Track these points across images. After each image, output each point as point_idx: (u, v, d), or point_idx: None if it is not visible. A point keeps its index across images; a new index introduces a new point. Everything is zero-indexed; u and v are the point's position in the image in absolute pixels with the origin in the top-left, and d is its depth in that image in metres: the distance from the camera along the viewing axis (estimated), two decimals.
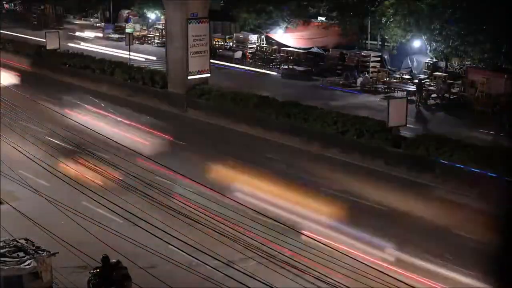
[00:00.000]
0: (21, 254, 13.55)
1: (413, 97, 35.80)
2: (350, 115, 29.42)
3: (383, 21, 41.92)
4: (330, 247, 14.79)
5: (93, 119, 32.12)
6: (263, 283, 12.63)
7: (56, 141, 24.42)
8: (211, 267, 13.80)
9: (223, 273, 13.25)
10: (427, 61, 41.02)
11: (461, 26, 37.54)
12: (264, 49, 49.29)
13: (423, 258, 18.25)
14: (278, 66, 45.80)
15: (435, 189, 23.76)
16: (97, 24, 62.69)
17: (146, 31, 60.23)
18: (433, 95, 36.80)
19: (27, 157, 20.03)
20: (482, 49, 36.89)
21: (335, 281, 12.14)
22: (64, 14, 69.75)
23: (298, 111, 30.19)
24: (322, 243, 14.99)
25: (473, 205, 21.80)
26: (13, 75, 41.33)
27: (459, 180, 23.90)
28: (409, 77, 40.60)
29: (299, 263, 13.31)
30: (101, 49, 52.57)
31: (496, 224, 17.05)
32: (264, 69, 45.65)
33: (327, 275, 12.49)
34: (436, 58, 40.54)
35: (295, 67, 44.20)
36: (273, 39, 49.04)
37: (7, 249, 13.62)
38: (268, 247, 14.27)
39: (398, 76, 41.03)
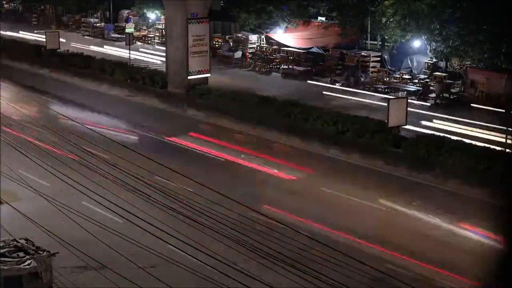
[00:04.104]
0: (21, 254, 13.52)
1: (413, 97, 35.88)
2: (350, 115, 29.44)
3: (383, 21, 41.93)
4: (330, 247, 14.79)
5: None
6: (263, 283, 12.63)
7: None
8: (211, 267, 13.80)
9: (223, 273, 13.24)
10: (427, 61, 41.04)
11: (461, 26, 37.57)
12: (264, 49, 49.27)
13: None
14: (278, 66, 45.78)
15: None
16: (97, 24, 62.63)
17: (146, 31, 60.22)
18: (432, 95, 36.86)
19: (28, 157, 20.06)
20: (482, 49, 36.92)
21: (335, 281, 12.12)
22: (64, 14, 69.70)
23: (298, 111, 30.21)
24: (321, 243, 14.99)
25: None
26: None
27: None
28: (409, 77, 40.63)
29: (299, 262, 13.29)
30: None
31: None
32: None
33: (327, 275, 12.47)
34: (436, 58, 40.56)
35: (295, 67, 44.20)
36: (273, 39, 49.02)
37: (7, 249, 13.59)
38: (268, 247, 14.25)
39: (398, 76, 41.06)
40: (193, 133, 30.94)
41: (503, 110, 30.70)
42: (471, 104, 34.79)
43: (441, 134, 27.36)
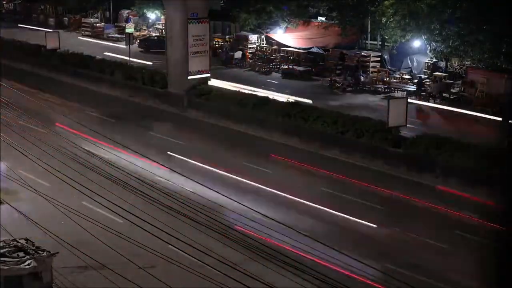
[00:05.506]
0: (21, 254, 13.53)
1: (413, 97, 35.92)
2: (350, 115, 29.42)
3: (383, 21, 41.92)
4: (329, 247, 14.80)
5: None
6: (263, 283, 12.63)
7: None
8: (211, 267, 13.80)
9: (223, 273, 13.25)
10: (427, 61, 41.03)
11: (461, 26, 37.56)
12: (264, 49, 49.28)
13: None
14: (278, 66, 45.79)
15: None
16: (97, 24, 62.68)
17: (146, 31, 60.24)
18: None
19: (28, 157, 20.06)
20: (482, 49, 36.91)
21: (335, 281, 12.13)
22: (65, 14, 69.74)
23: (298, 111, 30.18)
24: (322, 243, 14.99)
25: None
26: None
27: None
28: (409, 77, 40.63)
29: (299, 262, 13.29)
30: None
31: None
32: None
33: (327, 275, 12.48)
34: (436, 58, 40.55)
35: (295, 67, 44.20)
36: (273, 39, 49.03)
37: (7, 249, 13.59)
38: (268, 247, 14.25)
39: (398, 76, 41.05)
40: None
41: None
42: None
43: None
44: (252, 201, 21.28)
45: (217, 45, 51.07)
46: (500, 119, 30.53)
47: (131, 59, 43.04)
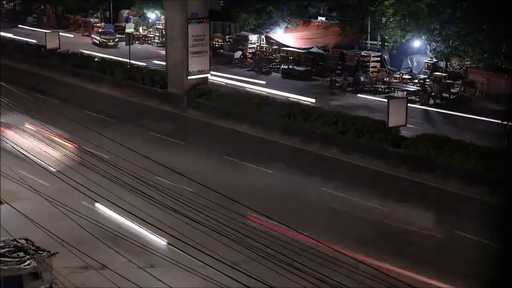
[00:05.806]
0: (21, 254, 13.56)
1: (413, 97, 35.90)
2: (350, 115, 29.42)
3: (383, 21, 41.93)
4: (329, 246, 14.79)
5: None
6: (263, 283, 12.62)
7: None
8: (211, 267, 13.79)
9: (223, 273, 13.24)
10: (427, 61, 41.04)
11: (461, 26, 37.58)
12: (264, 49, 49.29)
13: None
14: (278, 66, 45.79)
15: None
16: (97, 24, 62.68)
17: (146, 31, 60.25)
18: (431, 95, 36.92)
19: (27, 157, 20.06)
20: (482, 49, 36.93)
21: (335, 281, 12.13)
22: (64, 14, 69.75)
23: (298, 111, 30.17)
24: (321, 243, 14.98)
25: None
26: None
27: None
28: (409, 77, 40.63)
29: (299, 263, 13.29)
30: None
31: None
32: None
33: (327, 275, 12.47)
34: (436, 58, 40.56)
35: (295, 67, 44.19)
36: (273, 39, 49.05)
37: (7, 249, 13.62)
38: (269, 248, 14.24)
39: (398, 76, 41.05)
40: None
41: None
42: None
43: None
44: None
45: (217, 45, 51.09)
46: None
47: None
